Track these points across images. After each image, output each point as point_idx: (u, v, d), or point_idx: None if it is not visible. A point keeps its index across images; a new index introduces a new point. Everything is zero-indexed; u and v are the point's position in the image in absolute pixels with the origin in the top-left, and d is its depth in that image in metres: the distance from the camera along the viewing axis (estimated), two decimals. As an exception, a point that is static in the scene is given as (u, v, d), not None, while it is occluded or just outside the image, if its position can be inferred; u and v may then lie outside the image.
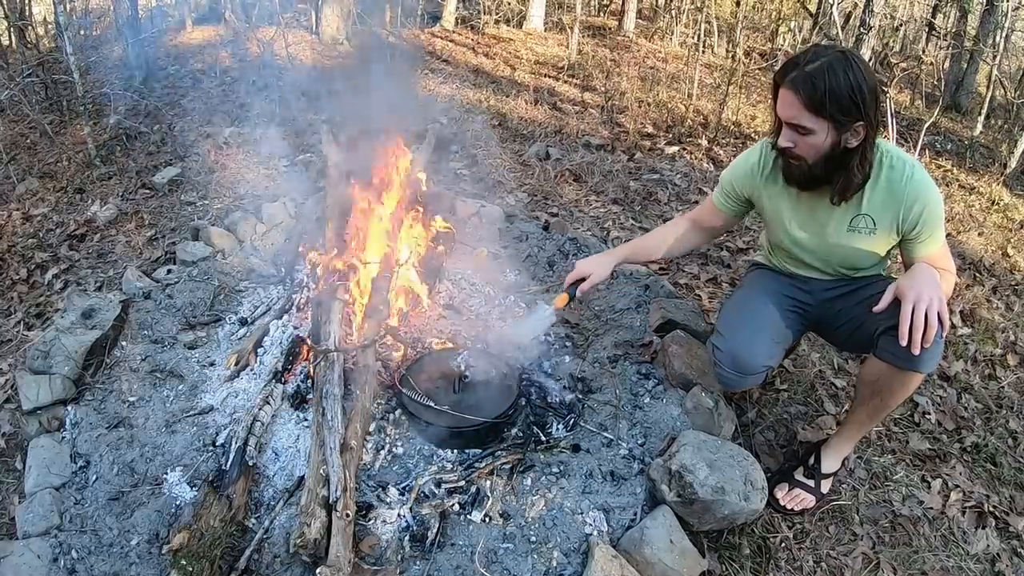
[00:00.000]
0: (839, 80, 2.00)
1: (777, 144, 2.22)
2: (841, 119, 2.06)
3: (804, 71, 2.05)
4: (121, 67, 8.41)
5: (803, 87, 2.04)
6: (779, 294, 2.58)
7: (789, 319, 2.54)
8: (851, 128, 2.08)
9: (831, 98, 2.02)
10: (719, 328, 2.56)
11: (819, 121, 2.07)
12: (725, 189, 2.63)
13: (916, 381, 2.30)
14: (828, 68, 2.02)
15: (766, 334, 2.48)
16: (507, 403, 2.75)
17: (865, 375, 2.41)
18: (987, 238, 5.23)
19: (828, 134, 2.10)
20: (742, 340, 2.46)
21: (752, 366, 2.46)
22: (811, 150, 2.15)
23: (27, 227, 4.85)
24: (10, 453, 2.94)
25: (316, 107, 7.12)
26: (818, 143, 2.12)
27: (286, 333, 3.23)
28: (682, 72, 9.41)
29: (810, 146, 2.14)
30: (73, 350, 3.11)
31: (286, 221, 4.26)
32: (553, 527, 2.42)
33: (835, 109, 2.03)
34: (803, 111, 2.07)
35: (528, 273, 3.84)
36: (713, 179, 5.80)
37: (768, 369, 2.53)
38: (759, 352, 2.45)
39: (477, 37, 11.79)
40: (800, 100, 2.06)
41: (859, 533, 2.59)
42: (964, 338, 3.76)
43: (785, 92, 2.10)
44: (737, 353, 2.45)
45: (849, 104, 2.03)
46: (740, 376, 2.49)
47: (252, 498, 2.56)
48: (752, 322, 2.50)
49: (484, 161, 5.58)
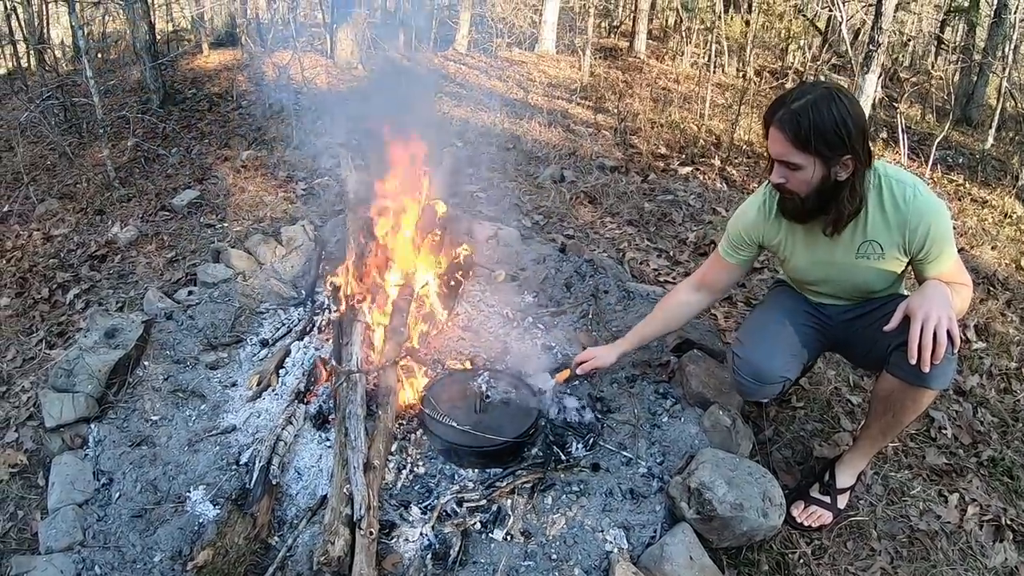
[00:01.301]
0: (823, 116, 2.05)
1: (770, 180, 2.28)
2: (827, 154, 2.10)
3: (790, 109, 2.10)
4: (139, 90, 8.54)
5: (789, 125, 2.09)
6: (800, 311, 2.61)
7: (808, 336, 2.57)
8: (839, 162, 2.12)
9: (816, 134, 2.06)
10: (739, 337, 2.62)
11: (806, 157, 2.12)
12: (733, 241, 2.64)
13: (929, 398, 2.32)
14: (812, 105, 2.06)
15: (785, 346, 2.52)
16: (527, 423, 2.78)
17: (878, 391, 2.42)
18: (1000, 251, 5.23)
19: (816, 169, 2.14)
20: (761, 350, 2.51)
21: (770, 375, 2.50)
22: (802, 185, 2.19)
23: (48, 247, 4.92)
24: (32, 469, 2.98)
25: (332, 130, 7.19)
26: (807, 178, 2.16)
27: (308, 354, 3.28)
28: (694, 92, 9.46)
29: (801, 181, 2.18)
30: (96, 369, 3.15)
31: (305, 244, 4.31)
32: (574, 545, 2.44)
33: (821, 144, 2.08)
34: (790, 148, 2.12)
35: (546, 295, 3.87)
36: (727, 199, 5.83)
37: (785, 380, 2.56)
38: (777, 362, 2.49)
39: (490, 60, 11.89)
40: (787, 137, 2.11)
41: (877, 548, 2.59)
42: (979, 352, 3.75)
43: (773, 131, 2.15)
44: (756, 362, 2.50)
45: (835, 139, 2.07)
46: (758, 385, 2.54)
47: (275, 516, 2.59)
48: (772, 334, 2.55)
49: (500, 183, 5.63)
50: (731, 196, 5.90)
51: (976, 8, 10.86)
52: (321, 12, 11.70)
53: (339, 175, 5.43)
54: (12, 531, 2.72)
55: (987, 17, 10.80)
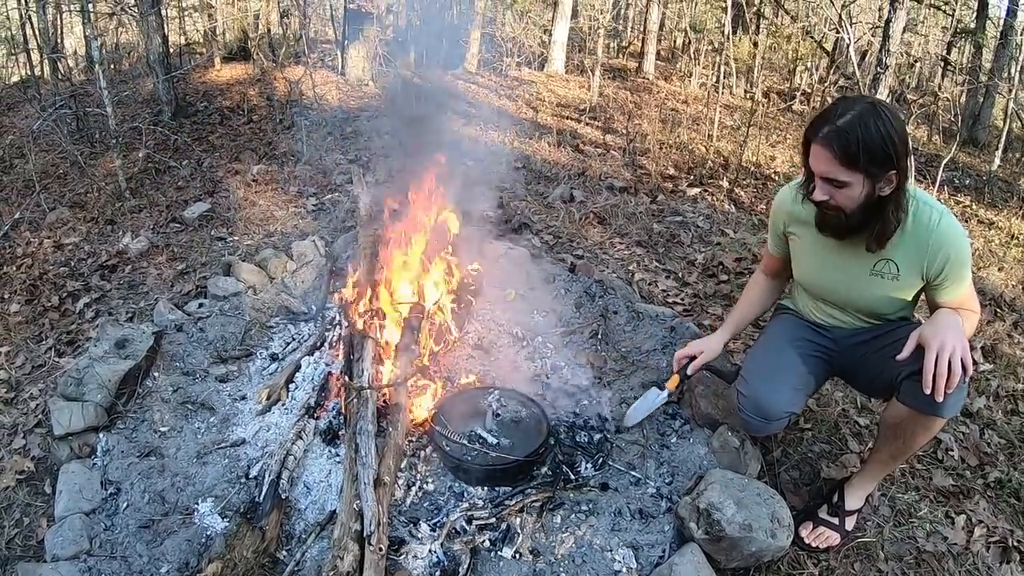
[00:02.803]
0: (871, 132, 2.03)
1: (812, 198, 2.24)
2: (874, 171, 2.08)
3: (836, 126, 2.07)
4: (151, 102, 8.60)
5: (837, 142, 2.06)
6: (803, 340, 2.60)
7: (812, 365, 2.56)
8: (884, 177, 2.10)
9: (864, 151, 2.04)
10: (743, 374, 2.60)
11: (854, 174, 2.09)
12: (773, 234, 2.67)
13: (939, 425, 2.31)
14: (860, 121, 2.04)
15: (789, 382, 2.51)
16: (537, 442, 2.79)
17: (887, 418, 2.42)
18: (1007, 273, 5.23)
19: (863, 186, 2.11)
20: (765, 387, 2.50)
21: (774, 413, 2.49)
22: (847, 201, 2.17)
23: (59, 255, 4.95)
24: (40, 477, 2.98)
25: (343, 146, 7.24)
26: (854, 195, 2.14)
27: (318, 370, 3.29)
28: (702, 113, 9.50)
29: (846, 198, 2.16)
30: (106, 378, 3.17)
31: (316, 259, 4.33)
32: (582, 564, 2.44)
33: (868, 161, 2.06)
34: (838, 166, 2.09)
35: (555, 314, 3.88)
36: (735, 220, 5.84)
37: (791, 415, 2.55)
38: (781, 399, 2.48)
39: (500, 79, 11.95)
40: (834, 155, 2.08)
41: (884, 570, 2.58)
42: (986, 374, 3.75)
43: (818, 148, 2.12)
44: (760, 400, 2.49)
45: (882, 155, 2.05)
46: (764, 422, 2.53)
47: (284, 530, 2.59)
48: (775, 370, 2.53)
49: (510, 203, 5.65)
50: (739, 218, 5.92)
51: (982, 30, 10.92)
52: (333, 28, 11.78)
53: (350, 191, 5.47)
54: (18, 538, 2.73)
55: (993, 39, 10.88)
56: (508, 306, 3.91)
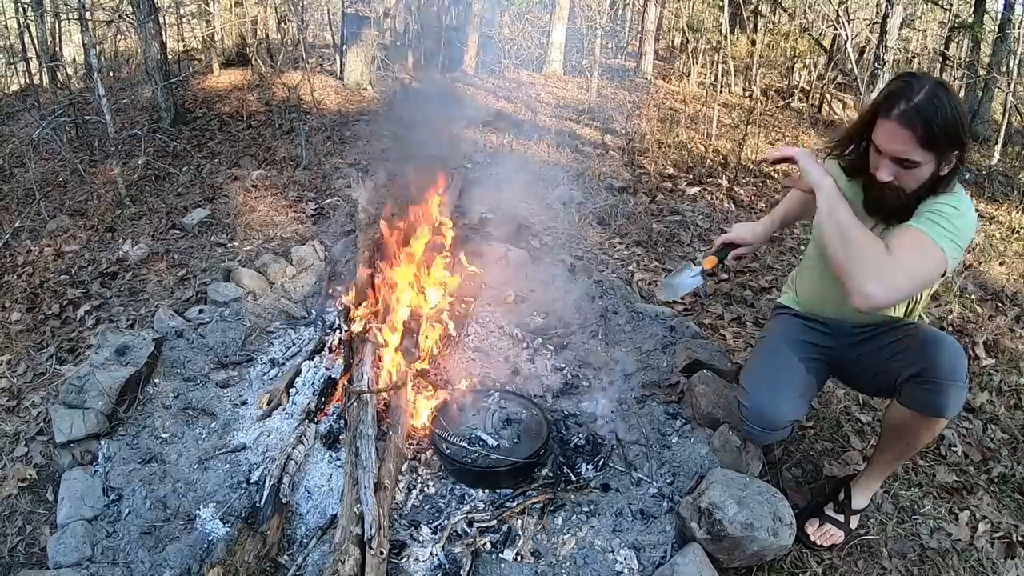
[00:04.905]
0: (947, 111, 1.99)
1: (879, 177, 2.15)
2: (946, 150, 2.05)
3: (913, 104, 2.01)
4: (150, 109, 8.61)
5: (919, 121, 2.00)
6: (803, 343, 2.58)
7: (813, 368, 2.54)
8: (950, 157, 2.08)
9: (942, 132, 2.00)
10: (744, 385, 2.57)
11: (929, 154, 2.04)
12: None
13: (941, 425, 2.30)
14: (936, 100, 1.99)
15: (791, 390, 2.49)
16: (537, 444, 2.79)
17: (889, 419, 2.41)
18: (1008, 267, 5.23)
19: (933, 165, 2.07)
20: (767, 398, 2.48)
21: (777, 423, 2.48)
22: (914, 182, 2.11)
23: (59, 263, 4.95)
24: (41, 484, 2.99)
25: (342, 151, 7.24)
26: (923, 175, 2.09)
27: (318, 374, 3.29)
28: (700, 112, 9.49)
29: (915, 179, 2.10)
30: (107, 386, 3.17)
31: (316, 264, 4.34)
32: (584, 565, 2.43)
33: (945, 142, 2.02)
34: (915, 146, 2.03)
35: (555, 316, 3.88)
36: (735, 218, 5.84)
37: (795, 423, 2.55)
38: (784, 409, 2.46)
39: (498, 81, 11.96)
40: (913, 135, 2.01)
41: (888, 567, 2.58)
42: (988, 369, 3.75)
43: (895, 126, 2.04)
44: (762, 411, 2.48)
45: (955, 135, 2.02)
46: (767, 432, 2.52)
47: (285, 535, 2.59)
48: (777, 379, 2.51)
49: (509, 204, 5.65)
50: (739, 216, 5.92)
51: (980, 24, 10.91)
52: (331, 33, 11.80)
53: (349, 195, 5.47)
54: (20, 545, 2.74)
55: (991, 33, 10.86)
56: (508, 308, 3.91)
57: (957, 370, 2.17)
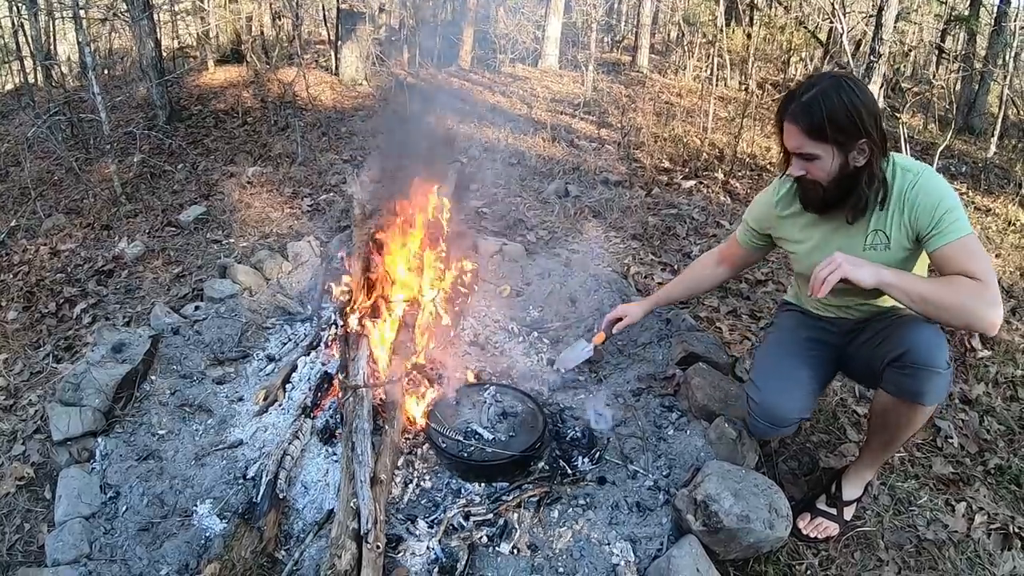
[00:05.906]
0: (833, 103, 2.08)
1: (789, 173, 2.29)
2: (843, 140, 2.12)
3: (800, 102, 2.13)
4: (145, 106, 8.60)
5: (802, 117, 2.13)
6: (809, 340, 2.60)
7: (822, 365, 2.56)
8: (855, 147, 2.14)
9: (829, 122, 2.09)
10: (754, 379, 2.58)
11: (823, 146, 2.14)
12: (747, 226, 2.68)
13: (924, 413, 2.30)
14: (822, 94, 2.09)
15: (800, 385, 2.50)
16: (533, 437, 2.79)
17: (875, 407, 2.43)
18: (1005, 259, 5.23)
19: (834, 157, 2.15)
20: (777, 394, 2.48)
21: (787, 419, 2.49)
22: (821, 173, 2.20)
23: (55, 262, 4.95)
24: (39, 482, 2.99)
25: (338, 147, 7.24)
26: (827, 167, 2.18)
27: (314, 369, 3.29)
28: (696, 106, 9.50)
29: (820, 171, 2.19)
30: (104, 383, 3.17)
31: (311, 260, 4.34)
32: (580, 558, 2.44)
33: (835, 132, 2.10)
34: (806, 139, 2.15)
35: (551, 310, 3.88)
36: (731, 212, 5.85)
37: (802, 419, 2.56)
38: (794, 405, 2.47)
39: (494, 76, 11.94)
40: (801, 129, 2.14)
41: (884, 559, 2.58)
42: (984, 360, 3.75)
43: (787, 125, 2.19)
44: (772, 407, 2.48)
45: (848, 124, 2.09)
46: (774, 428, 2.53)
47: (282, 530, 2.59)
48: (787, 376, 2.52)
49: (504, 199, 5.65)
50: (735, 209, 5.92)
51: (976, 17, 10.89)
52: (326, 29, 11.78)
53: (344, 191, 5.47)
54: (19, 544, 2.73)
55: (987, 26, 10.85)
56: (503, 302, 3.92)
57: (935, 356, 2.17)
